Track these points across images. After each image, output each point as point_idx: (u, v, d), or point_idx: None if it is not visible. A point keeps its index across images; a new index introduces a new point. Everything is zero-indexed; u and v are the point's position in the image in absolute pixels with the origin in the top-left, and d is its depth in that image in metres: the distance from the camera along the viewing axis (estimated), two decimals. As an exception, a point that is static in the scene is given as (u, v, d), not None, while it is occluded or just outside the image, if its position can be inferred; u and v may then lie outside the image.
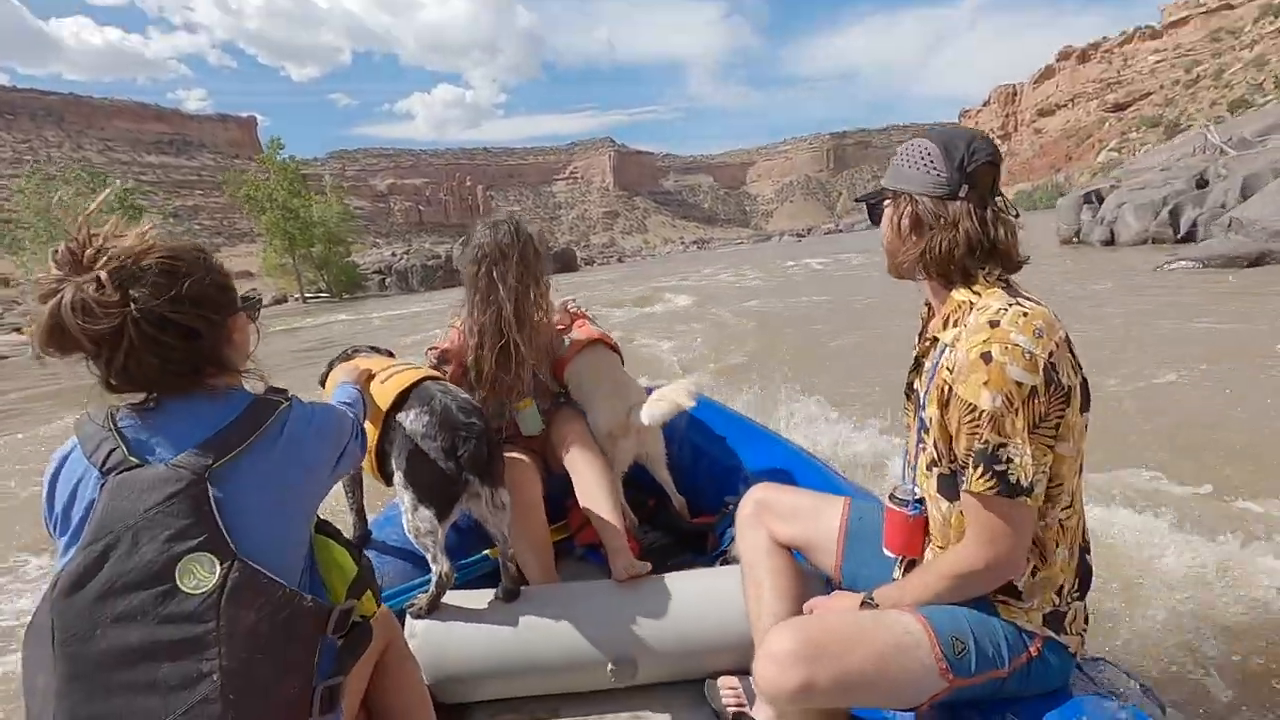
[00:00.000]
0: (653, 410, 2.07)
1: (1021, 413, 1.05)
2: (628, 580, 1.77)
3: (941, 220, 1.18)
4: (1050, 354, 1.06)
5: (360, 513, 1.97)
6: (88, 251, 0.97)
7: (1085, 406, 1.14)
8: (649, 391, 2.19)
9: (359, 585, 1.16)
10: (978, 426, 1.08)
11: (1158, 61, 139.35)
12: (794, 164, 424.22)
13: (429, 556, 1.61)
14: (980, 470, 1.09)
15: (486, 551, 1.99)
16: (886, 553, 1.34)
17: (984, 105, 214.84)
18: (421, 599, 1.63)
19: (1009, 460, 1.07)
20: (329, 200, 47.56)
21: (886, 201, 1.29)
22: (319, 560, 1.14)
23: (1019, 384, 1.05)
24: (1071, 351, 1.12)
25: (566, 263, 50.48)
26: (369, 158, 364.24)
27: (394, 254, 57.77)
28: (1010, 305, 1.11)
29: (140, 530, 0.93)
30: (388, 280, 48.14)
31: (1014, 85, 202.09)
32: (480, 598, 1.72)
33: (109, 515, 0.94)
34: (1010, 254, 1.19)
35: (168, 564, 0.91)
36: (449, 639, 1.63)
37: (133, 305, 0.95)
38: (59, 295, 0.95)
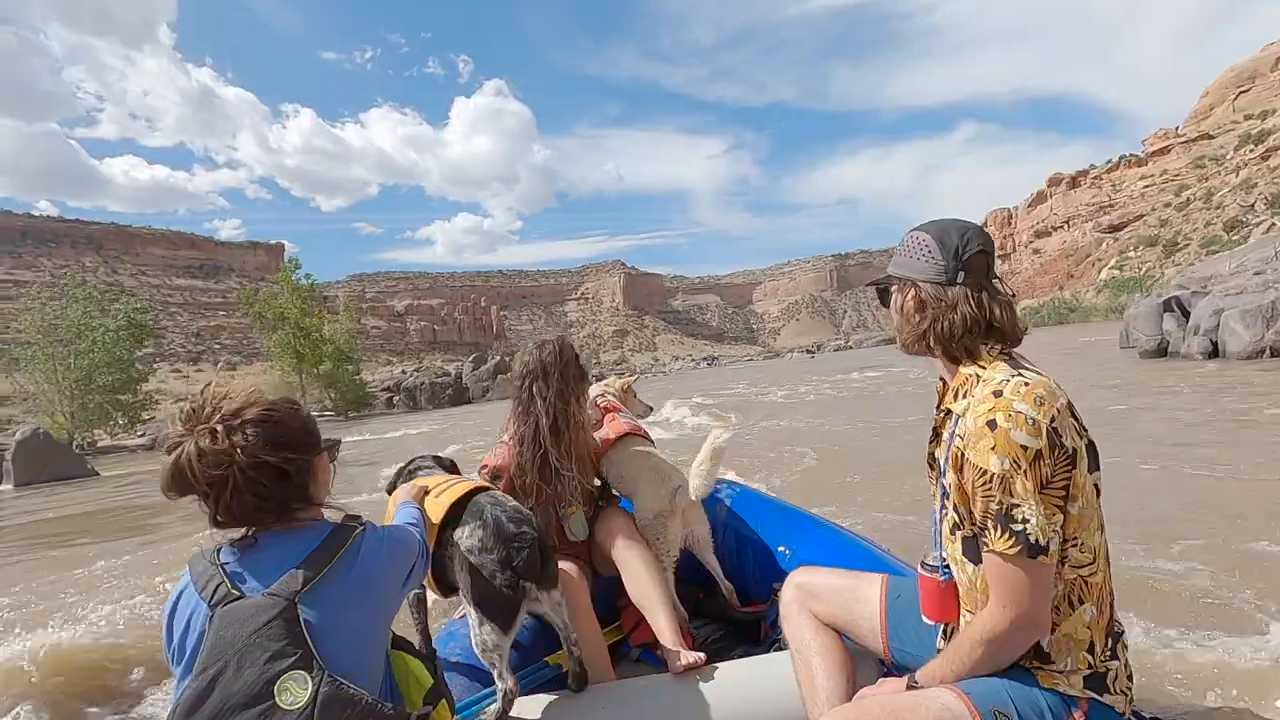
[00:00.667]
0: (695, 482, 2.16)
1: (1029, 474, 1.11)
2: (685, 672, 1.78)
3: (942, 303, 1.28)
4: (1052, 419, 1.12)
5: (425, 632, 1.99)
6: (205, 409, 1.15)
7: (1094, 467, 1.19)
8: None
9: (434, 694, 1.25)
10: (990, 489, 1.13)
11: (1146, 186, 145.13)
12: (798, 284, 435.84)
13: (495, 673, 1.64)
14: (1000, 531, 1.13)
15: (546, 659, 2.03)
16: (925, 620, 1.36)
17: (982, 227, 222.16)
18: (490, 713, 1.66)
19: (1025, 520, 1.11)
20: (341, 318, 47.76)
21: (894, 287, 1.39)
22: (395, 673, 1.24)
23: (1024, 447, 1.10)
24: (1075, 416, 1.18)
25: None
26: (388, 280, 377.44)
27: (403, 372, 57.31)
28: (1013, 377, 1.18)
29: (244, 654, 1.02)
30: (395, 399, 47.27)
31: (1009, 209, 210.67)
32: (540, 704, 1.73)
33: (217, 644, 1.04)
34: (1009, 330, 1.27)
35: (267, 684, 1.00)
36: None
37: (238, 451, 1.12)
38: (181, 448, 1.12)
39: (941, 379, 1.38)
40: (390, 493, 1.96)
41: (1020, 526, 1.11)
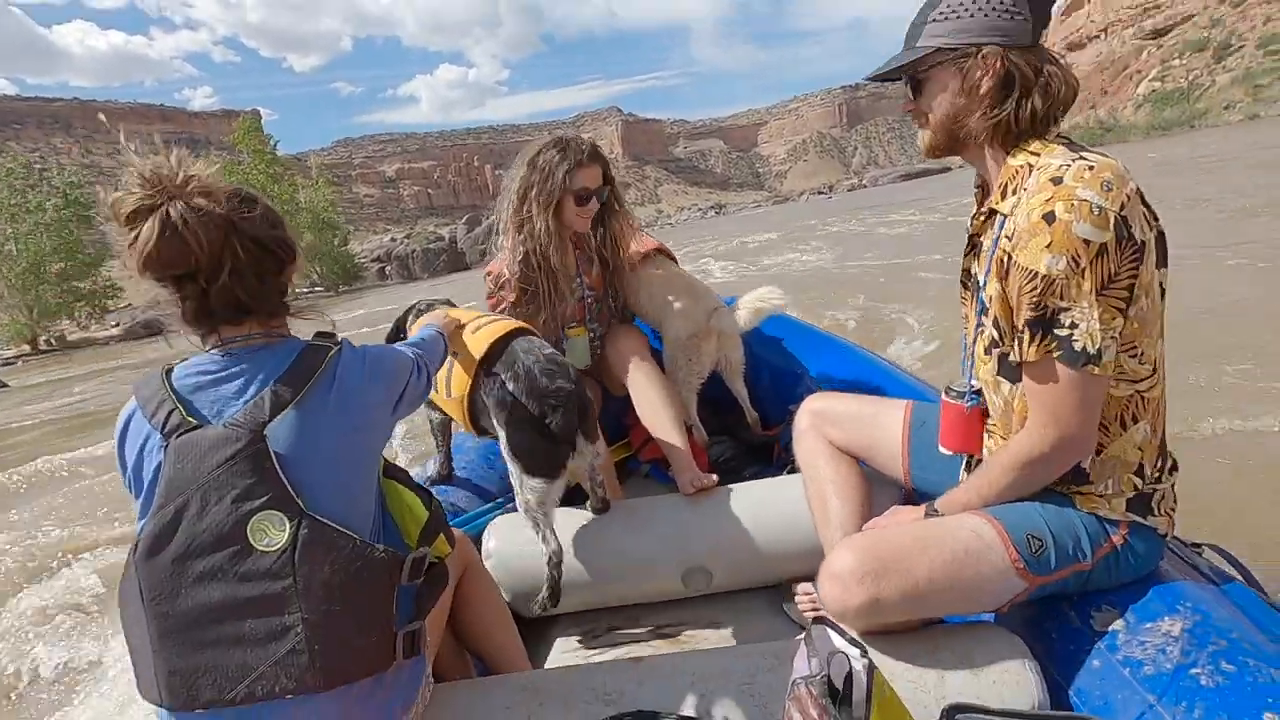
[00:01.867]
0: (745, 314, 2.13)
1: (1089, 274, 0.96)
2: (695, 494, 1.78)
3: (1035, 74, 1.05)
4: (1122, 206, 0.97)
5: (448, 454, 2.01)
6: (178, 175, 0.95)
7: (1162, 261, 1.04)
8: (728, 300, 2.22)
9: (431, 529, 1.15)
10: (1038, 291, 0.99)
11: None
12: (806, 122, 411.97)
13: (539, 535, 1.57)
14: (1037, 337, 1.01)
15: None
16: (943, 450, 1.30)
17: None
18: (543, 593, 1.56)
19: (1073, 325, 0.98)
20: (316, 183, 43.61)
21: (940, 64, 1.10)
22: (390, 506, 1.14)
23: (1087, 242, 0.95)
24: (1145, 204, 1.02)
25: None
26: (375, 144, 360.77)
27: (394, 239, 54.27)
28: (1075, 160, 1.01)
29: (208, 491, 0.92)
30: (388, 269, 44.72)
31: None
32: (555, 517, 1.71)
33: (176, 478, 0.94)
34: (1070, 99, 1.07)
35: (238, 524, 0.92)
36: (523, 558, 1.66)
37: (233, 217, 0.97)
38: (162, 209, 0.93)
39: (979, 183, 1.21)
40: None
41: (1065, 332, 0.99)
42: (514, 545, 1.69)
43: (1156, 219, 1.02)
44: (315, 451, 0.99)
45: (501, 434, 1.60)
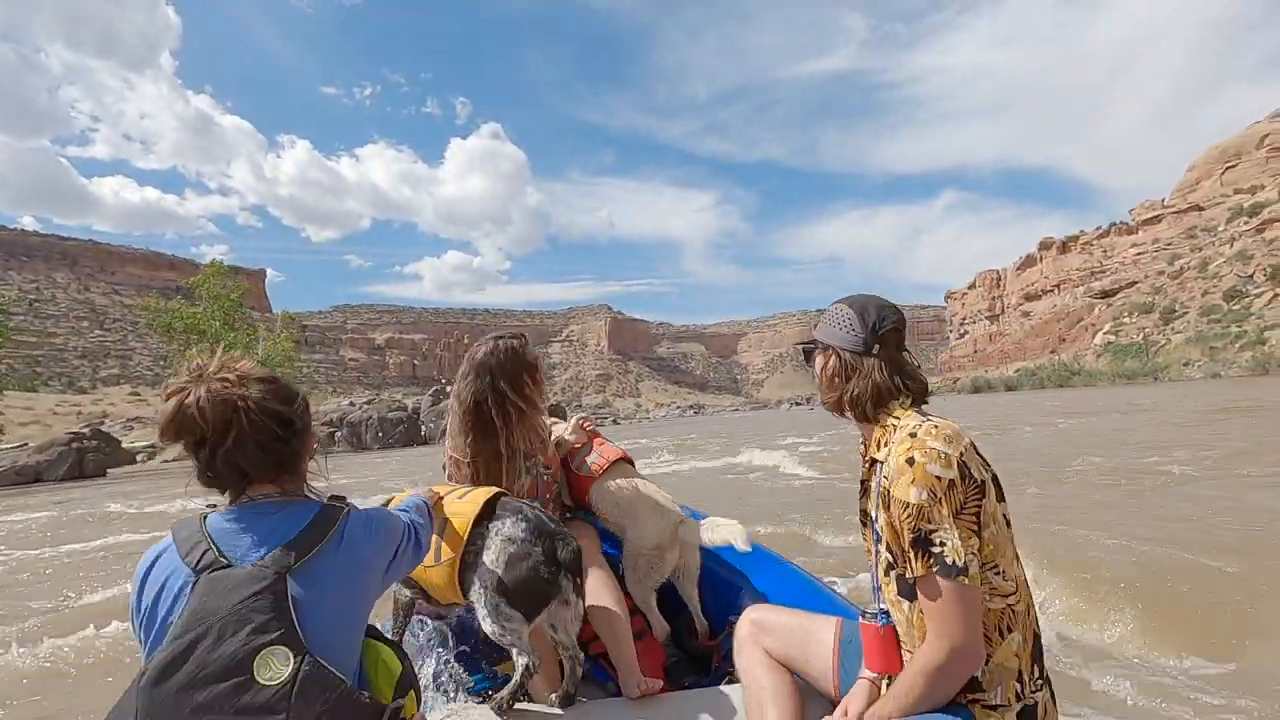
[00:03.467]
0: (711, 535, 2.19)
1: (945, 502, 1.24)
2: (639, 698, 1.82)
3: (858, 370, 1.45)
4: (961, 454, 1.28)
5: (402, 635, 1.99)
6: (212, 365, 1.17)
7: (1000, 498, 1.34)
8: (691, 513, 2.34)
9: (404, 683, 1.24)
10: (911, 518, 1.26)
11: (1138, 254, 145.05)
12: (783, 336, 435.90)
13: (515, 651, 1.63)
14: (919, 555, 1.26)
15: (495, 668, 2.08)
16: (869, 672, 1.42)
17: (970, 288, 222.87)
18: (504, 692, 1.66)
19: (942, 543, 1.24)
20: (278, 338, 41.49)
21: (817, 350, 1.56)
22: (365, 659, 1.22)
23: (939, 478, 1.25)
24: (979, 453, 1.34)
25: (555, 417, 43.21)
26: (371, 312, 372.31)
27: (351, 404, 51.17)
28: (924, 421, 1.35)
29: (226, 624, 1.00)
30: (339, 434, 41.21)
31: (997, 271, 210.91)
32: (489, 715, 1.72)
33: (199, 610, 1.01)
34: (919, 391, 1.45)
35: (248, 656, 0.98)
36: None
37: (249, 399, 1.14)
38: (188, 390, 1.12)
39: (862, 439, 1.50)
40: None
41: (938, 549, 1.23)
42: None
43: (989, 465, 1.34)
44: (322, 599, 1.09)
45: (496, 574, 1.62)
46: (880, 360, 1.43)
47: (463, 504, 1.75)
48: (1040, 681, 1.32)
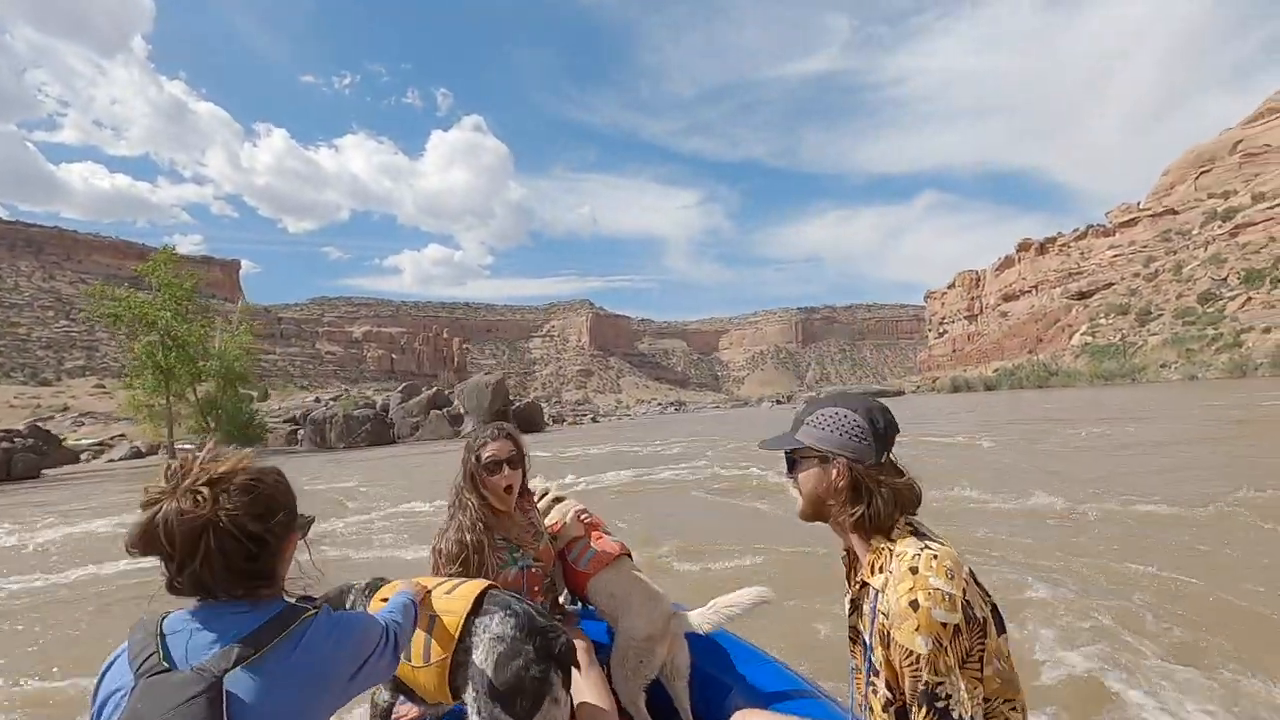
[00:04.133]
0: (710, 617, 2.22)
1: (951, 650, 1.18)
2: None
3: (879, 484, 1.33)
4: (964, 591, 1.22)
5: None
6: (193, 470, 1.14)
7: (1001, 630, 1.27)
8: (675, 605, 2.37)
9: None
10: (917, 669, 1.19)
11: (1115, 256, 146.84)
12: (764, 334, 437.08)
13: None
14: (925, 711, 1.19)
15: None
16: None
17: (949, 288, 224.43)
18: None
19: (947, 697, 1.18)
20: (238, 330, 39.36)
21: (812, 460, 1.39)
22: None
23: (944, 625, 1.18)
24: (978, 583, 1.28)
25: (529, 422, 41.63)
26: (349, 305, 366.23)
27: (317, 399, 49.22)
28: (922, 550, 1.26)
29: None
30: (301, 432, 39.42)
31: (976, 271, 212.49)
32: None
33: (133, 717, 0.99)
34: (915, 502, 1.37)
35: None
36: None
37: (220, 517, 1.10)
38: (159, 506, 1.09)
39: (847, 550, 1.43)
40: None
41: (943, 703, 1.17)
42: None
43: (989, 595, 1.27)
44: (265, 704, 1.04)
45: (487, 676, 1.57)
46: (888, 472, 1.35)
47: (452, 600, 1.69)
48: None
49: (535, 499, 2.55)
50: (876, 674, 1.30)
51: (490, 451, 2.28)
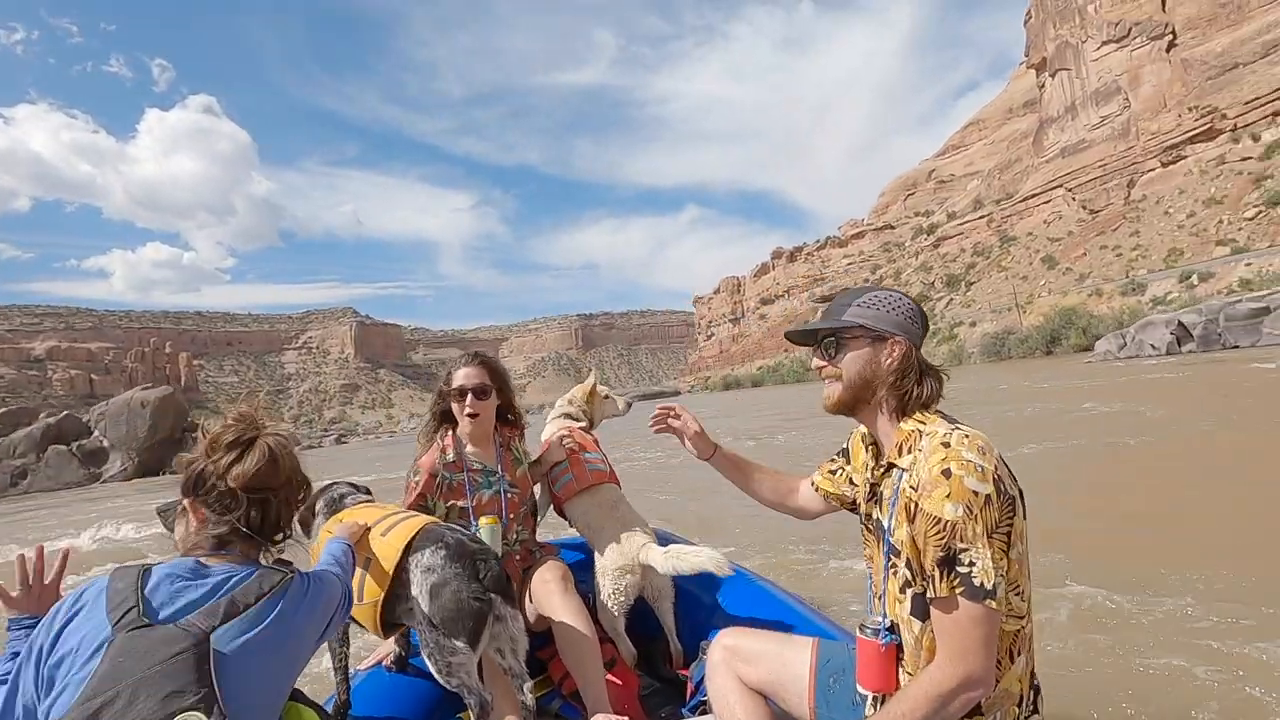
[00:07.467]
0: (671, 563, 2.17)
1: (980, 519, 1.16)
2: None
3: (924, 365, 1.37)
4: (996, 467, 1.21)
5: (345, 674, 1.92)
6: (258, 415, 1.23)
7: (1025, 515, 1.26)
8: (661, 535, 2.41)
9: None
10: (942, 536, 1.18)
11: (849, 263, 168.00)
12: (545, 341, 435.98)
13: (465, 690, 1.60)
14: (945, 574, 1.17)
15: (460, 715, 2.01)
16: (861, 690, 1.34)
17: (715, 293, 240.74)
18: None
19: (971, 564, 1.15)
20: None
21: (858, 337, 1.38)
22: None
23: (975, 493, 1.17)
24: (1007, 467, 1.26)
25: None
26: (29, 316, 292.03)
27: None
28: (954, 429, 1.27)
29: (139, 688, 0.95)
30: None
31: (739, 277, 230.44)
32: None
33: (112, 672, 0.97)
34: (940, 390, 1.38)
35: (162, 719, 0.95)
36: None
37: (292, 458, 1.21)
38: (260, 438, 1.16)
39: (871, 442, 1.45)
40: (304, 526, 1.96)
41: (966, 569, 1.15)
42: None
43: (1016, 479, 1.26)
44: (248, 661, 1.06)
45: (423, 605, 1.61)
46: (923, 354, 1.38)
47: (386, 543, 1.70)
48: (1033, 705, 1.27)
49: (544, 413, 2.54)
50: (897, 554, 1.28)
51: (459, 379, 2.29)
